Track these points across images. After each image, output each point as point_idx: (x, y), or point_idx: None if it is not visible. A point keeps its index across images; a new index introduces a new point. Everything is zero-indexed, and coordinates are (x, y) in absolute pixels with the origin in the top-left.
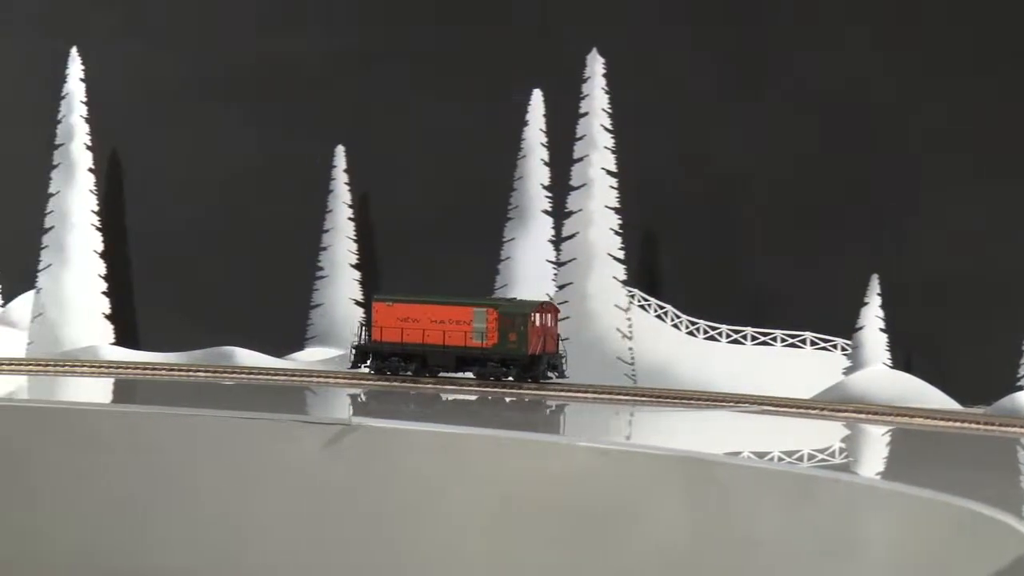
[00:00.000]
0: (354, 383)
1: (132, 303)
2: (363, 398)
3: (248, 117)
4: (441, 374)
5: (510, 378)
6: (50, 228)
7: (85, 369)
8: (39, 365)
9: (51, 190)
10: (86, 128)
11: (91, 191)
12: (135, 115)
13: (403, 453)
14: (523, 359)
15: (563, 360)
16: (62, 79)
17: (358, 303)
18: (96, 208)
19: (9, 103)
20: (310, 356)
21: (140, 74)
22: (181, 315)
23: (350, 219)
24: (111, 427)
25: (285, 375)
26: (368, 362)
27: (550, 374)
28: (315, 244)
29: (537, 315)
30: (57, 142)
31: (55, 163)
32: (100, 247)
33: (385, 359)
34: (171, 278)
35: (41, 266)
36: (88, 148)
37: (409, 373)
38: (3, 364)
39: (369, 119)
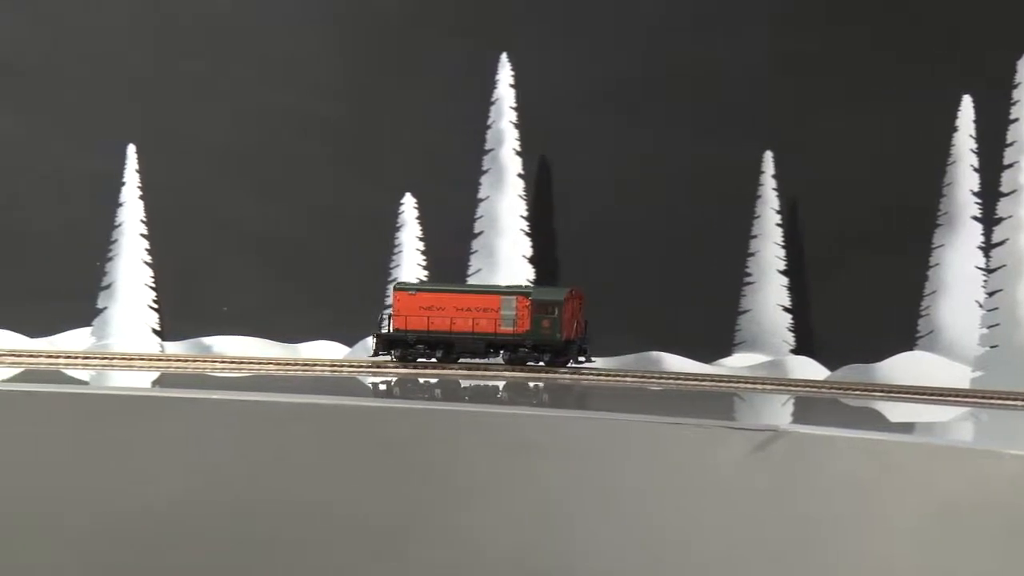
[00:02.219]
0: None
1: None
2: (790, 404)
3: (675, 119)
4: (463, 360)
5: (541, 363)
6: (480, 233)
7: (517, 375)
8: (467, 371)
9: (480, 195)
10: (515, 133)
11: (520, 196)
12: (563, 119)
13: (830, 459)
14: (557, 344)
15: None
16: (492, 85)
17: (786, 309)
18: (525, 213)
19: (443, 109)
20: (738, 362)
21: (567, 78)
22: (611, 320)
23: (778, 225)
24: (539, 431)
25: (712, 380)
26: (392, 350)
27: (580, 358)
28: (743, 249)
29: (568, 301)
30: (487, 147)
31: (484, 168)
32: (529, 252)
33: (410, 347)
34: (601, 282)
35: (471, 271)
36: (517, 153)
37: (435, 360)
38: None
39: (801, 124)
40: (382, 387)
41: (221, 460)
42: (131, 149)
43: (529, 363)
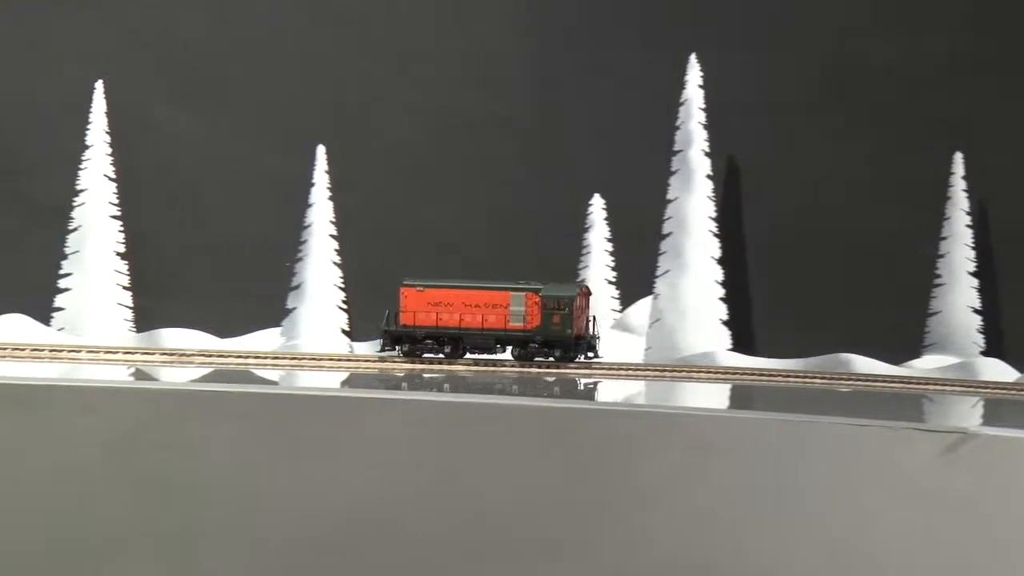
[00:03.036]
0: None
1: (749, 309)
2: (979, 406)
3: (860, 120)
4: (469, 355)
5: (551, 359)
6: (668, 234)
7: (701, 375)
8: (655, 370)
9: (669, 196)
10: (704, 135)
11: (708, 197)
12: (751, 120)
13: (1022, 462)
14: (568, 340)
15: (597, 341)
16: (681, 86)
17: (976, 311)
18: (713, 214)
19: (631, 110)
20: (927, 364)
21: (755, 79)
22: (799, 321)
23: (968, 226)
24: (718, 431)
25: (901, 382)
26: (399, 346)
27: (589, 354)
28: (932, 251)
29: (579, 298)
30: (675, 148)
31: (673, 169)
32: (717, 253)
33: (418, 342)
34: (789, 283)
35: (659, 272)
36: (706, 154)
37: (443, 356)
38: (623, 369)
39: (992, 124)
40: (560, 387)
41: (410, 460)
42: (320, 150)
43: (538, 359)
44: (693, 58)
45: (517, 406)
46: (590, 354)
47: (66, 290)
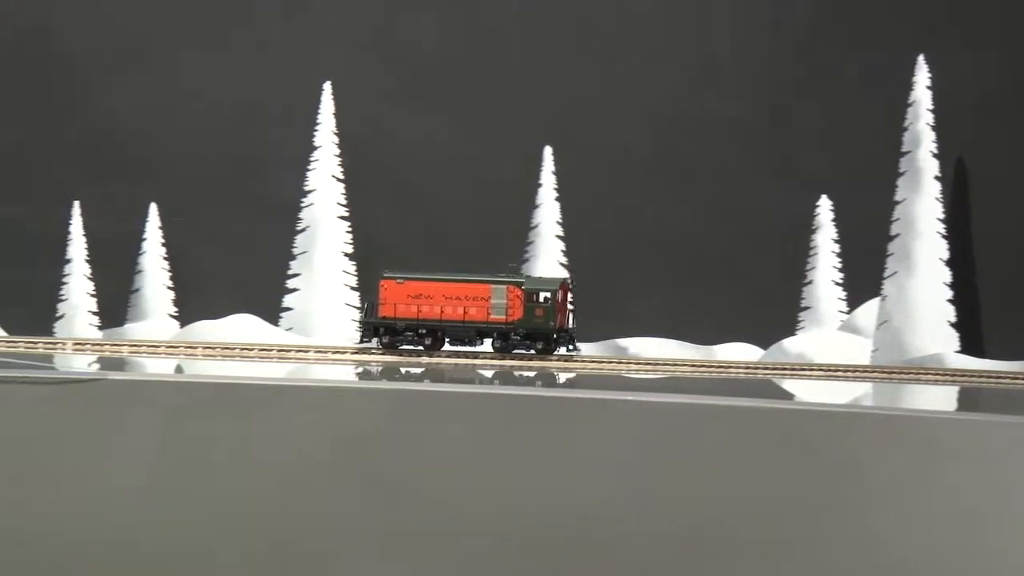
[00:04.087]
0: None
1: (978, 311)
2: None
3: None
4: (449, 347)
5: (532, 351)
6: (895, 236)
7: (929, 377)
8: (883, 372)
9: (897, 198)
10: (932, 136)
11: (936, 199)
12: (981, 121)
13: None
14: (551, 333)
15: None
16: (908, 87)
17: None
18: (941, 215)
19: (858, 111)
20: None
21: (984, 80)
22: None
23: None
24: (951, 434)
25: None
26: (378, 337)
27: (570, 347)
28: None
29: (560, 291)
30: (903, 150)
31: (901, 171)
32: (946, 255)
33: (399, 334)
34: (1016, 285)
35: (886, 273)
36: (934, 156)
37: (423, 347)
38: (843, 370)
39: None
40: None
41: (631, 461)
42: (548, 151)
43: (519, 351)
44: (921, 59)
45: (748, 408)
46: (571, 347)
47: (294, 290)
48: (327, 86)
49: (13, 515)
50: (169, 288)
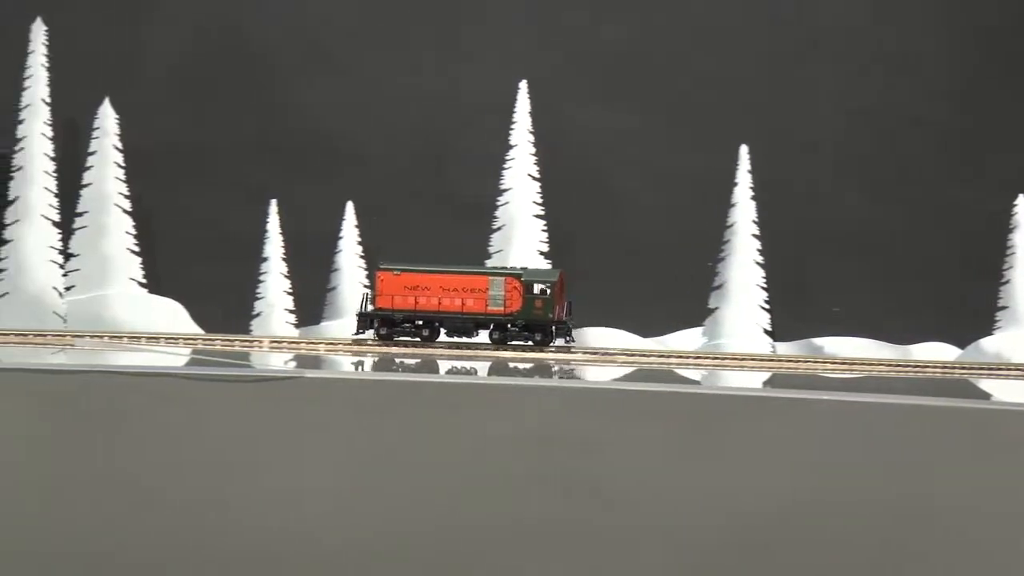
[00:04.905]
0: None
1: None
2: None
3: None
4: (444, 339)
5: (530, 343)
6: None
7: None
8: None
9: None
10: None
11: None
12: None
13: None
14: (550, 324)
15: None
16: None
17: None
18: None
19: None
20: None
21: None
22: None
23: None
24: None
25: None
26: (373, 329)
27: (567, 338)
28: None
29: (558, 283)
30: None
31: None
32: None
33: (396, 325)
34: None
35: None
36: None
37: (420, 339)
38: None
39: None
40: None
41: (824, 462)
42: (744, 150)
43: (516, 342)
44: None
45: (946, 408)
46: (568, 338)
47: None
48: (523, 85)
49: (213, 513)
50: (365, 287)
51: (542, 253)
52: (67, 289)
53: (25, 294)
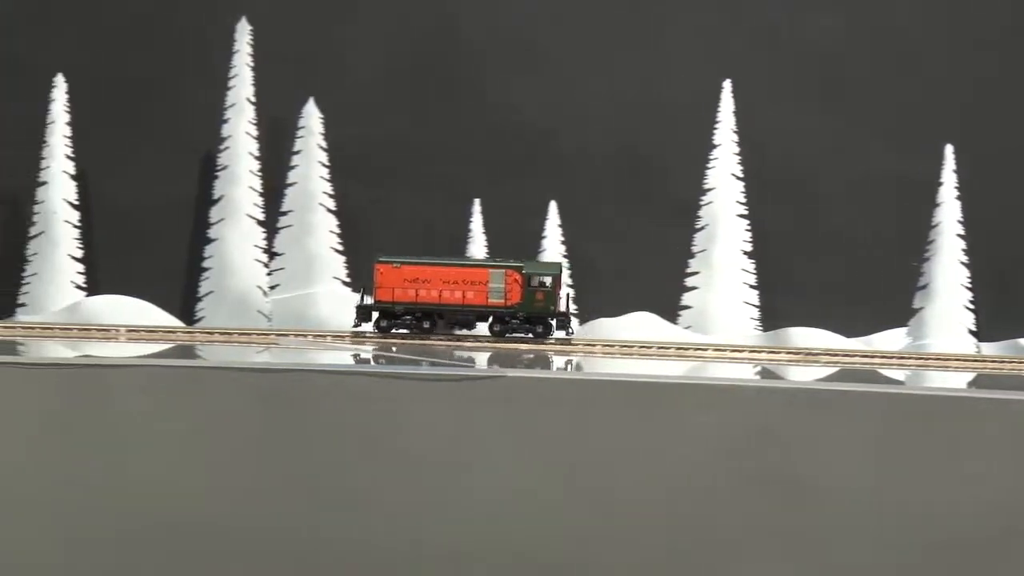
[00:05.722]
0: None
1: None
2: None
3: None
4: (447, 331)
5: (530, 335)
6: None
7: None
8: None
9: None
10: None
11: None
12: None
13: None
14: (551, 316)
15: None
16: None
17: None
18: None
19: None
20: None
21: None
22: None
23: None
24: None
25: None
26: (373, 321)
27: (568, 330)
28: None
29: (559, 276)
30: None
31: None
32: None
33: (396, 318)
34: None
35: None
36: None
37: (420, 331)
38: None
39: None
40: None
41: None
42: (949, 149)
43: (518, 334)
44: None
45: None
46: (569, 331)
47: (693, 288)
48: (727, 84)
49: (421, 512)
50: (569, 286)
51: (745, 253)
52: (271, 288)
53: (230, 293)
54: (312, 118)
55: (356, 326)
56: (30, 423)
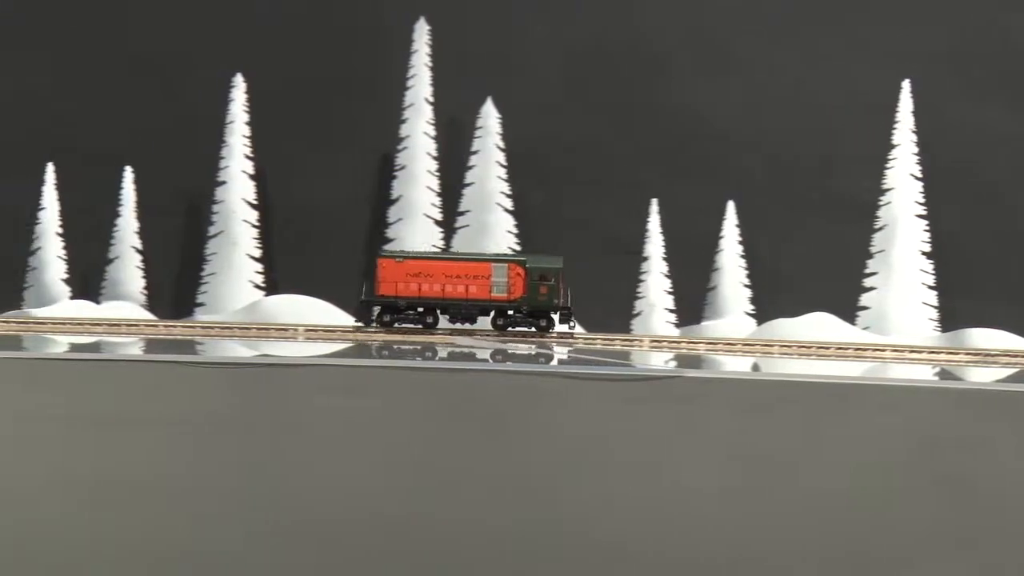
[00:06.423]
0: None
1: None
2: None
3: None
4: (444, 325)
5: (533, 329)
6: None
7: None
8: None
9: None
10: None
11: None
12: None
13: None
14: (554, 310)
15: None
16: None
17: None
18: None
19: None
20: None
21: None
22: None
23: None
24: None
25: None
26: (376, 316)
27: (570, 324)
28: None
29: (562, 270)
30: None
31: None
32: None
33: (399, 312)
34: None
35: None
36: None
37: (423, 325)
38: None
39: None
40: None
41: None
42: None
43: (520, 328)
44: None
45: None
46: (571, 324)
47: (871, 289)
48: (906, 84)
49: (577, 507)
50: (746, 286)
51: (924, 253)
52: None
53: None
54: (490, 118)
55: (358, 321)
56: (207, 422)
